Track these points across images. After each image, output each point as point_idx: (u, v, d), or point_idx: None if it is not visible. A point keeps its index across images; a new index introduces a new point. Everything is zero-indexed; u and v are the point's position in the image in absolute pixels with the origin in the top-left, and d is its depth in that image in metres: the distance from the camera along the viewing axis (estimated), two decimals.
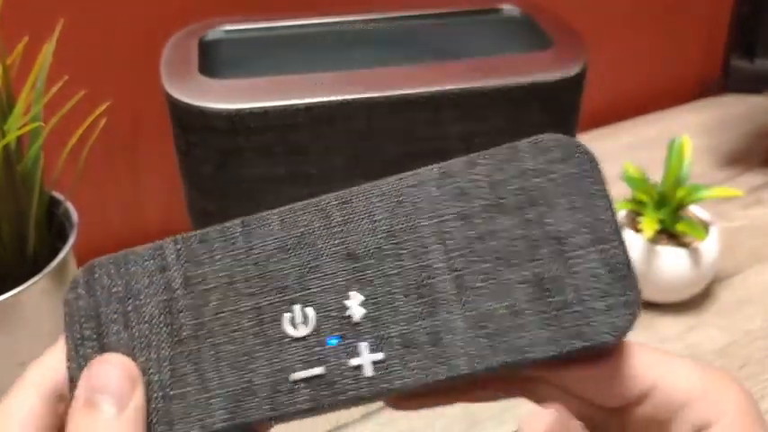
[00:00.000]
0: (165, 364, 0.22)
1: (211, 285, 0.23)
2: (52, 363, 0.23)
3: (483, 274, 0.21)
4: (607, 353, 0.21)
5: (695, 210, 0.52)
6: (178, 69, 0.44)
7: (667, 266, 0.48)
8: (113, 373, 0.22)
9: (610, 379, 0.22)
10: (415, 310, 0.21)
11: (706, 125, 0.76)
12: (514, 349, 0.21)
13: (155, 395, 0.22)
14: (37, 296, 0.40)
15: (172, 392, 0.22)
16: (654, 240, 0.49)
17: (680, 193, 0.49)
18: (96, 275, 0.23)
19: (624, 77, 0.80)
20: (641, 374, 0.21)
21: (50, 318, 0.40)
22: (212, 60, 0.46)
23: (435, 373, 0.21)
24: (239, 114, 0.40)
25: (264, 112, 0.40)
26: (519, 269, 0.21)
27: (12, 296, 0.38)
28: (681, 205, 0.50)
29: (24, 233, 0.41)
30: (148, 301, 0.23)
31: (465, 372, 0.21)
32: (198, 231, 0.23)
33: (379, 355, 0.21)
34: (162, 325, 0.23)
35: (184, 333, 0.22)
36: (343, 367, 0.21)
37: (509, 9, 0.53)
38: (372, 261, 0.22)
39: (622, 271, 0.21)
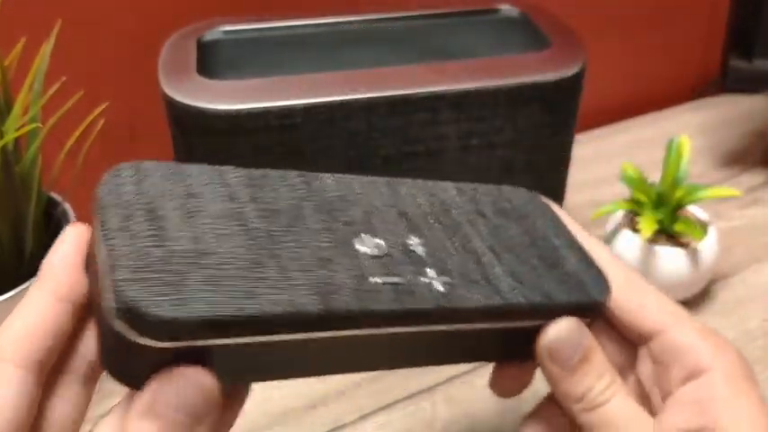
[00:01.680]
0: (240, 253, 0.20)
1: (280, 207, 0.22)
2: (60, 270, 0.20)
3: (507, 248, 0.26)
4: (601, 310, 0.27)
5: (693, 210, 0.52)
6: (176, 70, 0.44)
7: (666, 266, 0.48)
8: (191, 393, 0.18)
9: (632, 311, 0.27)
10: (464, 257, 0.25)
11: (704, 125, 0.76)
12: (544, 293, 0.25)
13: (234, 273, 0.19)
14: None
15: (252, 275, 0.19)
16: (652, 240, 0.49)
17: (678, 193, 0.49)
18: (145, 172, 0.21)
19: (622, 77, 0.80)
20: (652, 317, 0.26)
21: None
22: (211, 61, 0.46)
23: (492, 299, 0.24)
24: (238, 115, 0.40)
25: (263, 113, 0.40)
26: (529, 252, 0.26)
27: (9, 298, 0.38)
28: (679, 205, 0.50)
29: (22, 234, 0.41)
30: (215, 203, 0.21)
31: (514, 302, 0.24)
32: (255, 169, 0.23)
33: (446, 278, 0.24)
34: (234, 224, 0.20)
35: (259, 235, 0.21)
36: (418, 280, 0.23)
37: (507, 9, 0.53)
38: (422, 222, 0.25)
39: (591, 263, 0.28)
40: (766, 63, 0.65)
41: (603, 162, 0.68)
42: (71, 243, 0.21)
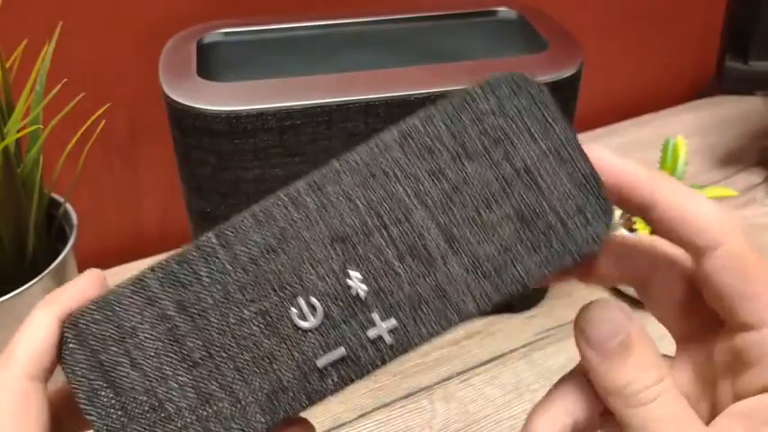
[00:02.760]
0: (188, 389, 0.22)
1: (207, 303, 0.22)
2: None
3: (467, 222, 0.22)
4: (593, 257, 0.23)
5: None
6: (177, 72, 0.44)
7: None
8: None
9: (733, 298, 0.22)
10: (414, 271, 0.22)
11: (700, 126, 0.77)
12: (513, 280, 0.22)
13: (188, 420, 0.22)
14: (37, 298, 0.40)
15: (205, 413, 0.22)
16: None
17: None
18: (83, 326, 0.22)
19: (619, 79, 0.80)
20: (757, 310, 0.22)
21: None
22: (211, 63, 0.46)
23: (449, 321, 0.22)
24: (237, 116, 0.40)
25: (262, 114, 0.41)
26: (498, 208, 0.22)
27: (12, 298, 0.38)
28: None
29: (24, 234, 0.41)
30: (147, 335, 0.22)
31: (475, 313, 0.22)
32: (173, 254, 0.22)
33: (393, 322, 0.22)
34: (171, 354, 0.22)
35: (197, 355, 0.22)
36: (363, 342, 0.22)
37: (505, 12, 0.53)
38: (360, 237, 0.22)
39: (591, 184, 0.22)
40: (762, 64, 0.66)
41: None
42: (88, 281, 0.24)
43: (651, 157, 0.55)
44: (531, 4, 0.53)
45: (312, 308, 0.22)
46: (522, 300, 0.52)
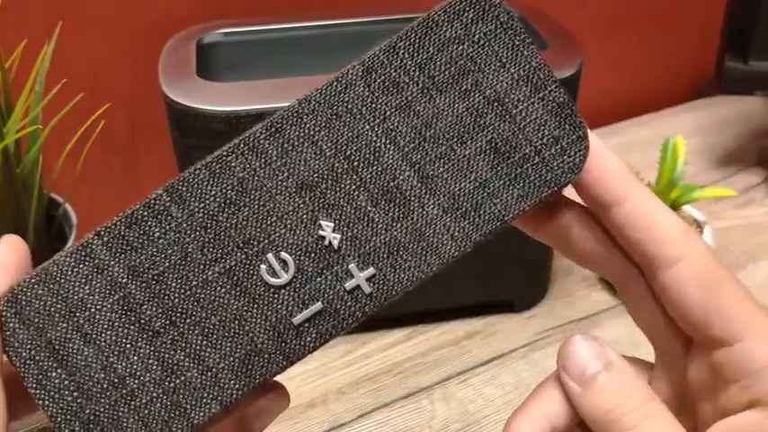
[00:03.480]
0: (150, 361, 0.21)
1: (164, 266, 0.21)
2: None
3: (441, 159, 0.21)
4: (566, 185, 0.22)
5: (689, 210, 0.53)
6: (176, 72, 0.44)
7: None
8: None
9: (699, 312, 0.21)
10: (388, 215, 0.21)
11: (700, 126, 0.77)
12: (492, 217, 0.21)
13: (154, 395, 0.21)
14: None
15: (172, 385, 0.21)
16: None
17: (674, 194, 0.50)
18: (24, 303, 0.20)
19: (619, 79, 0.80)
20: (725, 325, 0.21)
21: None
22: (210, 63, 0.46)
23: (429, 265, 0.21)
24: (237, 116, 0.40)
25: (262, 115, 0.41)
26: (472, 142, 0.21)
27: None
28: (675, 205, 0.50)
29: (23, 235, 0.41)
30: (99, 307, 0.20)
31: (455, 254, 0.21)
32: (119, 216, 0.21)
33: (371, 270, 0.21)
34: (128, 325, 0.21)
35: (157, 324, 0.21)
36: (341, 293, 0.21)
37: None
38: (329, 183, 0.21)
39: (565, 111, 0.21)
40: (762, 64, 0.66)
41: None
42: (6, 253, 0.22)
43: (651, 157, 0.55)
44: (531, 4, 0.53)
45: (283, 263, 0.21)
46: (522, 300, 0.52)
